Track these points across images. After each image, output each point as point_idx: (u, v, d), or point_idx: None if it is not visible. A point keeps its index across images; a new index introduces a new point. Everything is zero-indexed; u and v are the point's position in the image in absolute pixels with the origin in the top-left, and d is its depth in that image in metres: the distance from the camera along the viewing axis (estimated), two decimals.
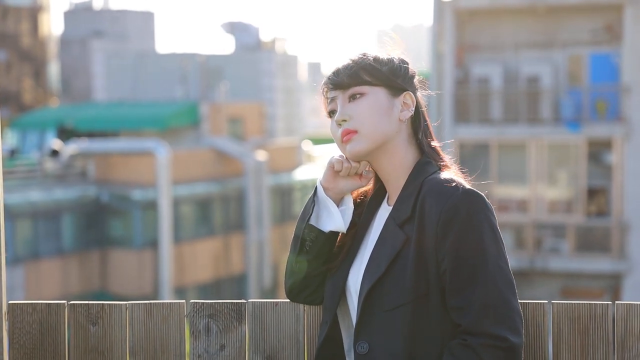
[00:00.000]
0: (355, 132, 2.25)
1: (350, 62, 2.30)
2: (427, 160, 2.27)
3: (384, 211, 2.31)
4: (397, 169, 2.28)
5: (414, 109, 2.29)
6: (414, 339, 2.15)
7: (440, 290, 2.15)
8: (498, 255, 2.14)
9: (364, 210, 2.36)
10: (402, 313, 2.15)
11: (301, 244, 2.34)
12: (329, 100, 2.31)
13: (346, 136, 2.26)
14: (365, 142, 2.25)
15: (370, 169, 2.36)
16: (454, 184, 2.16)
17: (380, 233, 2.26)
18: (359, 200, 2.41)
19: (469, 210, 2.13)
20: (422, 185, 2.21)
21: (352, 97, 2.27)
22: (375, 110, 2.25)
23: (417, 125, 2.31)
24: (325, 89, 2.31)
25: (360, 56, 2.32)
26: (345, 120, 2.26)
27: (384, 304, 2.17)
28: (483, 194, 2.18)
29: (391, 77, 2.28)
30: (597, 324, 2.36)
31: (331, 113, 2.30)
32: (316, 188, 2.36)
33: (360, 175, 2.36)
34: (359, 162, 2.32)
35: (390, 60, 2.32)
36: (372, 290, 2.19)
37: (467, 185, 2.18)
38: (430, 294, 2.15)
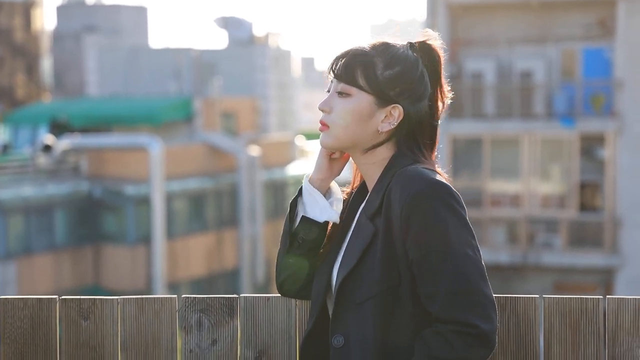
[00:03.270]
0: (328, 127, 2.26)
1: (354, 54, 2.25)
2: (403, 153, 2.24)
3: None
4: (372, 166, 2.28)
5: (396, 122, 2.24)
6: (387, 330, 2.16)
7: (411, 280, 2.15)
8: (464, 243, 2.11)
9: (348, 205, 2.36)
10: (372, 305, 2.16)
11: (291, 238, 2.33)
12: (329, 80, 2.30)
13: (320, 126, 2.28)
14: (333, 140, 2.26)
15: None
16: (418, 175, 2.15)
17: (354, 226, 2.27)
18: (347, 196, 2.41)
19: (432, 199, 2.12)
20: (392, 177, 2.20)
21: (340, 93, 2.26)
22: (352, 115, 2.24)
23: (403, 138, 2.26)
24: (328, 69, 2.31)
25: (370, 48, 2.26)
26: (325, 111, 2.27)
27: (356, 297, 2.19)
28: (449, 184, 2.16)
29: (384, 87, 2.23)
30: (588, 319, 2.36)
31: (327, 92, 2.31)
32: (301, 187, 2.35)
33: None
34: None
35: (398, 64, 2.25)
36: (345, 283, 2.20)
37: (433, 176, 2.16)
38: (402, 284, 2.15)
